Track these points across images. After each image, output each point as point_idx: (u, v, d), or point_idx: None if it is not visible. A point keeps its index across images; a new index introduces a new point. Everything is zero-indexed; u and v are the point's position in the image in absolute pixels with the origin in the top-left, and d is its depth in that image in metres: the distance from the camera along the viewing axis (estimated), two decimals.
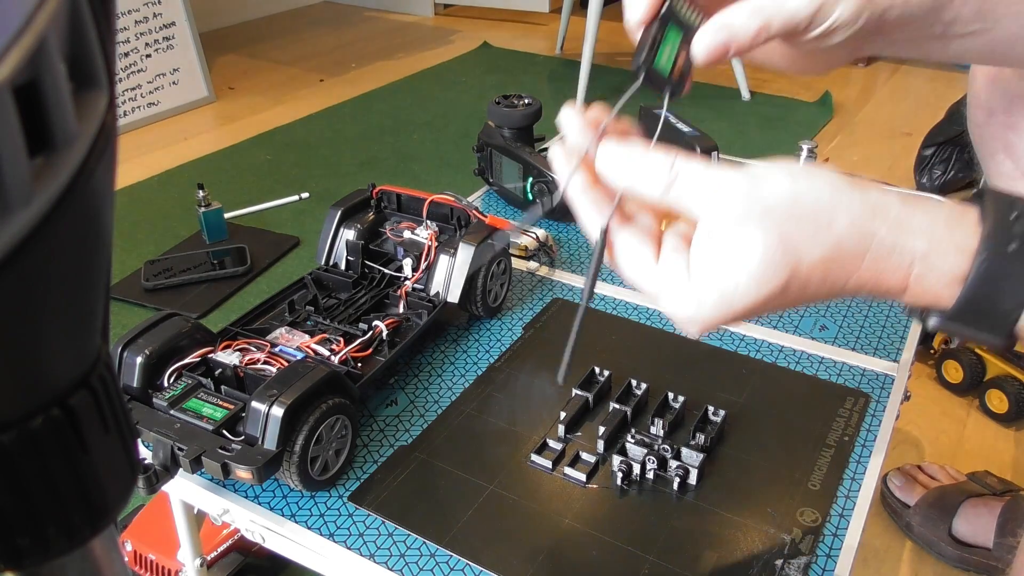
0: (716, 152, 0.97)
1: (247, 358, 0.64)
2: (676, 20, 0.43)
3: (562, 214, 0.95)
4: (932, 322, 0.39)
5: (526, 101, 0.98)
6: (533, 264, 0.89)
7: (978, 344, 0.40)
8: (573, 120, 0.43)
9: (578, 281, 0.86)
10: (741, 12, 0.45)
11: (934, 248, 0.37)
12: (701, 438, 0.63)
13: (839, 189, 0.38)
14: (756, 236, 0.38)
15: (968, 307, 0.37)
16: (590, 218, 0.43)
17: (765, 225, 0.38)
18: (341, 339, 0.68)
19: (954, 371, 1.27)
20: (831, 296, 0.40)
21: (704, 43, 0.44)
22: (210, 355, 0.64)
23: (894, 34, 0.50)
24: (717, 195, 0.39)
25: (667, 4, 0.42)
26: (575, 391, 0.68)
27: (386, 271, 0.77)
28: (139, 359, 0.61)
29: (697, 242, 0.40)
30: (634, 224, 0.42)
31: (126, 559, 0.90)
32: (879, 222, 0.38)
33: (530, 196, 0.95)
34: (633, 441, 0.63)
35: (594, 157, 0.43)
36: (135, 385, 0.61)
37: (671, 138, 0.99)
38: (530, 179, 0.95)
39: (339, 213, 0.79)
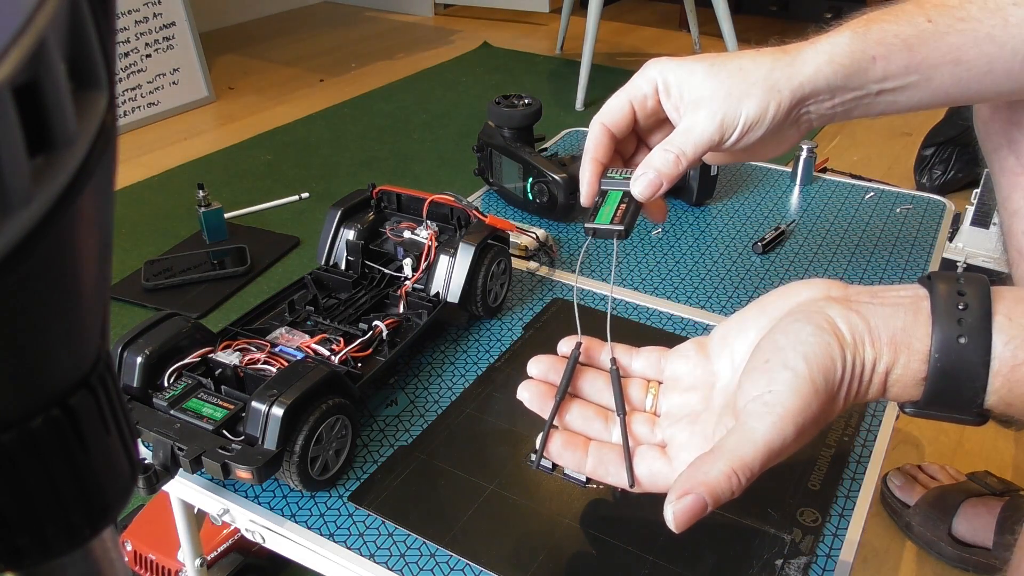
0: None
1: (247, 358, 0.64)
2: (612, 186, 0.54)
3: (562, 213, 0.95)
4: (907, 411, 0.41)
5: (526, 101, 0.98)
6: (533, 264, 0.89)
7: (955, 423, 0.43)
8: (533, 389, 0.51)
9: (578, 281, 0.86)
10: (657, 152, 0.54)
11: (896, 360, 0.40)
12: None
13: (799, 341, 0.40)
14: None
15: (934, 400, 0.40)
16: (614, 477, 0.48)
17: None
18: (341, 339, 0.68)
19: None
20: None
21: (639, 187, 0.54)
22: (210, 355, 0.64)
23: (823, 105, 0.55)
24: (688, 397, 0.45)
25: (600, 181, 0.55)
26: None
27: (386, 271, 0.77)
28: (139, 359, 0.61)
29: (706, 420, 0.46)
30: (641, 444, 0.48)
31: (126, 559, 0.90)
32: (844, 365, 0.40)
33: (530, 196, 0.95)
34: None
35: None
36: (135, 385, 0.61)
37: None
38: (530, 179, 0.95)
39: (339, 213, 0.79)
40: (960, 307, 0.39)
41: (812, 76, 0.53)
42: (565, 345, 0.53)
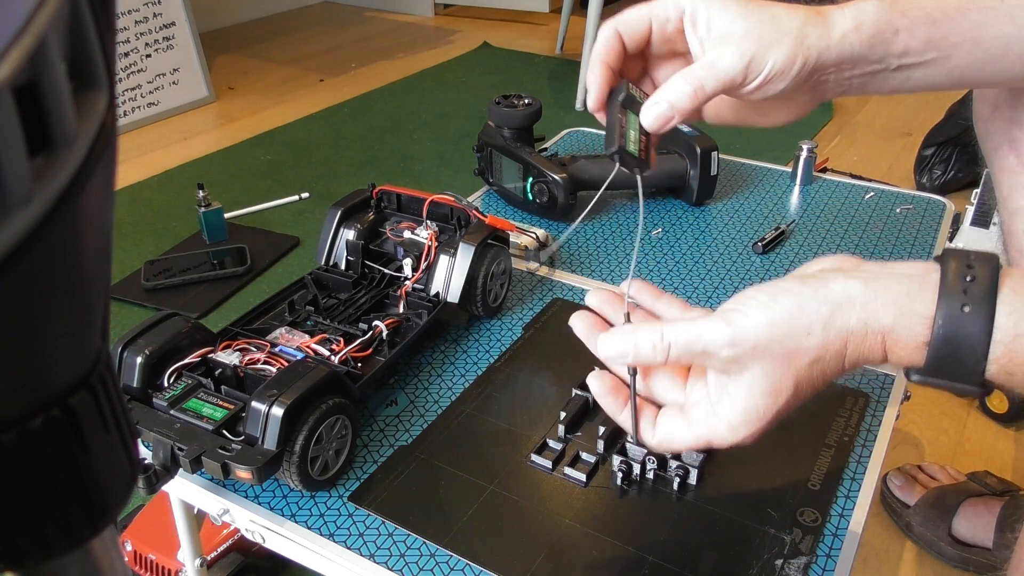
0: (716, 152, 0.97)
1: (247, 358, 0.64)
2: (632, 106, 0.49)
3: (562, 213, 0.95)
4: (913, 378, 0.43)
5: (526, 101, 0.98)
6: (533, 264, 0.89)
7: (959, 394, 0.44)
8: (584, 329, 0.52)
9: (578, 281, 0.86)
10: (675, 81, 0.51)
11: (899, 322, 0.41)
12: None
13: (804, 300, 0.43)
14: (755, 368, 0.44)
15: (936, 366, 0.41)
16: (626, 418, 0.51)
17: (758, 357, 0.43)
18: (341, 339, 0.68)
19: None
20: (838, 377, 0.45)
21: (651, 115, 0.51)
22: (210, 355, 0.64)
23: (843, 73, 0.54)
24: (709, 350, 0.44)
25: (624, 92, 0.48)
26: (575, 391, 0.68)
27: (386, 271, 0.77)
28: (139, 359, 0.61)
29: (711, 384, 0.47)
30: (663, 408, 0.50)
31: (126, 559, 0.90)
32: (848, 313, 0.42)
33: (530, 196, 0.95)
34: (633, 441, 0.63)
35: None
36: (135, 385, 0.61)
37: (672, 139, 0.99)
38: (530, 179, 0.95)
39: (339, 213, 0.79)
40: (967, 279, 0.40)
41: (839, 41, 0.51)
42: (593, 298, 0.54)
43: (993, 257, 0.41)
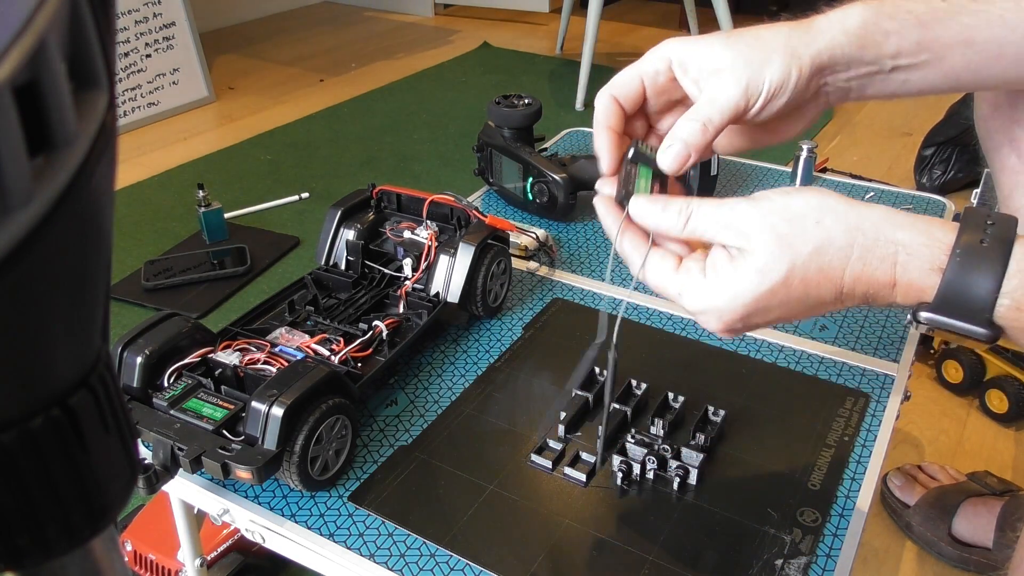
0: (715, 152, 0.96)
1: (247, 358, 0.64)
2: (643, 159, 0.51)
3: (562, 213, 0.95)
4: (922, 315, 0.42)
5: (526, 101, 0.98)
6: (533, 264, 0.89)
7: (967, 339, 0.43)
8: (605, 208, 0.52)
9: (578, 281, 0.86)
10: (683, 122, 0.52)
11: (915, 239, 0.42)
12: (701, 438, 0.63)
13: (826, 196, 0.44)
14: (756, 237, 0.44)
15: (948, 295, 0.41)
16: (627, 252, 0.51)
17: (763, 228, 0.44)
18: (341, 339, 0.68)
19: (954, 371, 1.27)
20: (834, 294, 0.44)
21: (668, 158, 0.51)
22: (210, 355, 0.64)
23: (840, 76, 0.54)
24: (724, 219, 0.46)
25: (632, 149, 0.51)
26: (575, 391, 0.68)
27: (386, 271, 0.77)
28: (139, 359, 0.61)
29: (712, 253, 0.47)
30: (661, 247, 0.50)
31: (126, 559, 0.90)
32: (863, 218, 0.43)
33: (530, 196, 0.95)
34: (633, 441, 0.63)
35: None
36: (135, 385, 0.61)
37: None
38: (530, 179, 0.95)
39: (339, 213, 0.79)
40: (988, 221, 0.41)
41: (828, 44, 0.52)
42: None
43: (1013, 217, 0.43)
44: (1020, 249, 0.40)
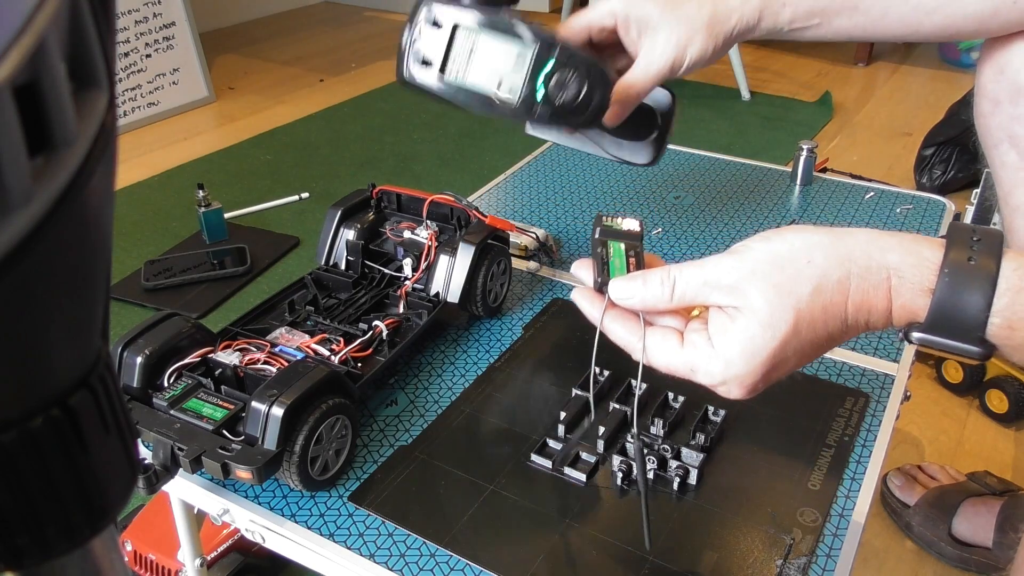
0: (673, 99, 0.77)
1: (247, 358, 0.64)
2: (611, 235, 0.50)
3: (594, 119, 0.73)
4: (914, 336, 0.42)
5: None
6: (533, 264, 0.89)
7: (960, 357, 0.43)
8: (584, 299, 0.51)
9: (578, 281, 0.86)
10: (627, 80, 0.66)
11: (904, 260, 0.42)
12: (701, 438, 0.63)
13: (808, 233, 0.44)
14: (753, 293, 0.43)
15: (939, 316, 0.41)
16: (622, 337, 0.49)
17: (756, 281, 0.43)
18: (341, 339, 0.68)
19: (954, 371, 1.27)
20: (840, 329, 0.44)
21: (612, 112, 0.65)
22: (210, 355, 0.64)
23: (745, 37, 0.69)
24: (711, 279, 0.45)
25: (598, 228, 0.50)
26: (575, 391, 0.68)
27: (386, 271, 0.77)
28: (139, 359, 0.61)
29: (711, 318, 0.46)
30: (657, 326, 0.48)
31: (126, 559, 0.90)
32: (851, 247, 0.43)
33: (541, 93, 0.62)
34: (633, 441, 0.63)
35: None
36: (135, 385, 0.61)
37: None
38: (550, 62, 0.61)
39: (339, 213, 0.79)
40: (974, 237, 0.42)
41: (737, 22, 0.66)
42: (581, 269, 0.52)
43: (998, 231, 0.42)
44: (1008, 266, 0.40)
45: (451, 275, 0.73)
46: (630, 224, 0.51)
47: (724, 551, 0.56)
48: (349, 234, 0.79)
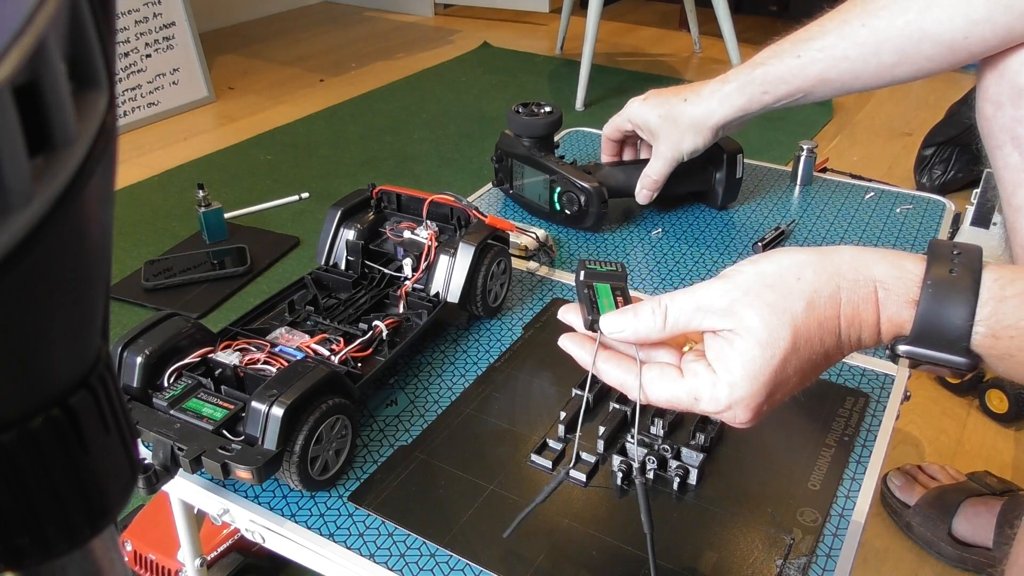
0: (741, 154, 0.96)
1: (247, 358, 0.64)
2: (595, 277, 0.52)
3: (593, 223, 0.92)
4: (900, 348, 0.43)
5: (547, 109, 0.96)
6: (533, 264, 0.89)
7: (946, 367, 0.44)
8: (573, 343, 0.51)
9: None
10: (646, 172, 0.90)
11: (889, 273, 0.43)
12: (701, 438, 0.63)
13: (795, 253, 0.45)
14: (748, 314, 0.43)
15: (924, 327, 0.42)
16: (617, 377, 0.49)
17: (749, 302, 0.44)
18: (341, 339, 0.68)
19: None
20: (837, 346, 0.44)
21: (643, 195, 0.92)
22: (210, 355, 0.64)
23: (734, 124, 0.86)
24: (703, 303, 0.45)
25: (582, 272, 0.52)
26: (575, 391, 0.68)
27: (386, 271, 0.77)
28: (139, 359, 0.61)
29: (708, 345, 0.46)
30: (652, 363, 0.48)
31: (126, 559, 0.90)
32: (838, 263, 0.43)
33: (557, 206, 0.94)
34: (633, 441, 0.63)
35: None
36: (135, 385, 0.61)
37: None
38: (558, 189, 0.92)
39: (339, 213, 0.79)
40: (955, 252, 0.42)
41: (720, 117, 0.83)
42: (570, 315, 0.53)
43: (976, 246, 0.43)
44: (989, 276, 0.41)
45: (451, 275, 0.74)
46: (612, 267, 0.53)
47: (724, 551, 0.56)
48: (349, 234, 0.79)
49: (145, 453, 0.59)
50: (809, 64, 0.75)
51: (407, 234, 0.79)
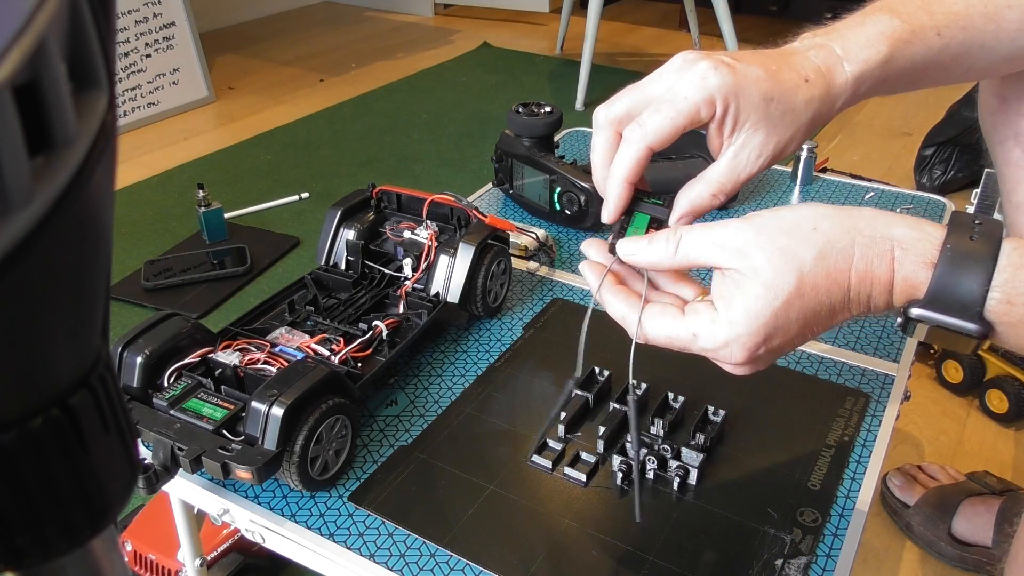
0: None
1: (247, 358, 0.64)
2: (640, 208, 0.52)
3: (593, 222, 0.93)
4: (913, 311, 0.42)
5: (547, 109, 0.96)
6: (533, 264, 0.89)
7: (958, 337, 0.43)
8: (593, 246, 0.51)
9: (578, 281, 0.86)
10: (698, 187, 0.52)
11: (908, 234, 0.42)
12: (701, 438, 0.63)
13: (817, 206, 0.45)
14: (758, 255, 0.43)
15: (939, 290, 0.41)
16: (620, 311, 0.49)
17: (762, 244, 0.44)
18: (341, 339, 0.68)
19: (954, 371, 1.27)
20: (842, 298, 0.44)
21: (683, 220, 0.52)
22: (210, 355, 0.64)
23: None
24: (717, 239, 0.45)
25: (634, 197, 0.51)
26: (575, 391, 0.68)
27: (386, 271, 0.77)
28: (139, 359, 0.61)
29: (715, 284, 0.46)
30: (656, 303, 0.48)
31: (126, 559, 0.90)
32: (857, 218, 0.43)
33: (557, 206, 0.94)
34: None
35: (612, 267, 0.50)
36: (135, 385, 0.61)
37: (696, 143, 0.95)
38: (558, 189, 0.93)
39: (339, 213, 0.79)
40: (976, 221, 0.42)
41: (836, 111, 0.52)
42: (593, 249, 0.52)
43: (998, 220, 0.43)
44: (1008, 245, 0.41)
45: (451, 275, 0.74)
46: (659, 201, 0.52)
47: (724, 551, 0.56)
48: (349, 234, 0.79)
49: (145, 453, 0.59)
50: (957, 55, 0.55)
51: (407, 234, 0.79)
